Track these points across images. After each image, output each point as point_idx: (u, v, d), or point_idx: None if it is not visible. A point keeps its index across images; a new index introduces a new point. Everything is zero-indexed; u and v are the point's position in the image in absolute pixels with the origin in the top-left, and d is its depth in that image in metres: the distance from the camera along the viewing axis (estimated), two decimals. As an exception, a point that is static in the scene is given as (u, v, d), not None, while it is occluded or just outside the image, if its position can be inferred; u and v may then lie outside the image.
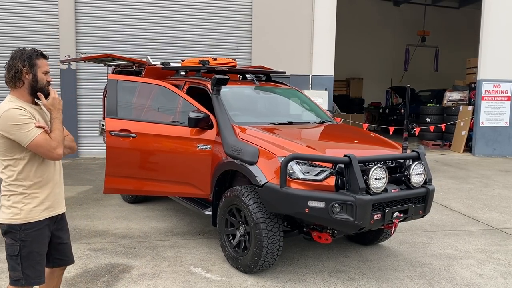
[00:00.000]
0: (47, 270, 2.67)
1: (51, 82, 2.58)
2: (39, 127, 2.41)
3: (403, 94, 17.64)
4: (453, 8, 19.99)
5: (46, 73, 2.55)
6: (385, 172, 3.60)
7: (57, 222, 2.65)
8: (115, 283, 3.78)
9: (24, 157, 2.44)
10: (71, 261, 2.79)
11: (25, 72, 2.47)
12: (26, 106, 2.47)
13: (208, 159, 4.43)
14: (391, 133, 10.78)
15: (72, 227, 5.14)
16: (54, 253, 2.67)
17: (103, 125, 6.76)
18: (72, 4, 9.74)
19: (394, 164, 3.92)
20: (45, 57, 2.56)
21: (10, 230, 2.46)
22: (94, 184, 7.37)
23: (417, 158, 3.98)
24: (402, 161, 3.98)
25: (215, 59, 5.54)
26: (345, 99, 17.93)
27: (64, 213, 2.71)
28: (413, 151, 4.07)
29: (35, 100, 2.54)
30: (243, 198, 3.87)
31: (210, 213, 4.46)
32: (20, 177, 2.45)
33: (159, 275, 3.95)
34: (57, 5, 9.70)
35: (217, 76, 4.56)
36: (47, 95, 2.52)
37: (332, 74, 11.00)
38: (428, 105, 14.30)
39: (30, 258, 2.47)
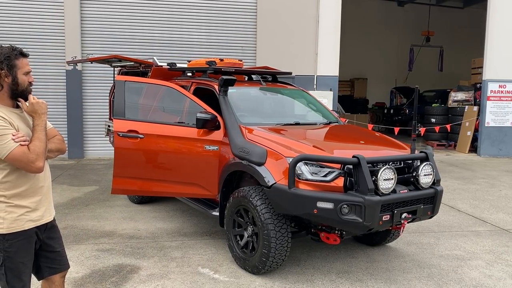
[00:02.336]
0: (44, 281, 2.58)
1: (33, 83, 2.39)
2: (17, 138, 2.23)
3: (407, 94, 17.60)
4: (457, 8, 19.94)
5: (27, 73, 2.34)
6: (394, 173, 3.59)
7: (47, 230, 2.50)
8: (124, 284, 3.79)
9: (5, 167, 2.27)
10: (64, 268, 2.62)
11: (3, 75, 2.27)
12: (6, 112, 2.29)
13: (215, 160, 4.44)
14: (396, 133, 10.76)
15: (79, 227, 5.19)
16: (45, 261, 2.52)
17: (109, 126, 6.79)
18: (78, 5, 9.77)
19: (402, 165, 3.91)
20: (25, 55, 2.34)
21: None
22: (100, 185, 7.39)
23: (425, 159, 3.96)
24: (410, 161, 3.97)
25: (221, 60, 5.54)
26: (349, 100, 17.90)
27: (54, 220, 2.56)
28: (421, 152, 4.06)
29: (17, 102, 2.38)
30: (251, 199, 3.87)
31: (217, 214, 4.47)
32: (1, 187, 2.28)
33: (167, 276, 3.95)
34: (63, 6, 9.74)
35: (225, 77, 4.56)
36: (27, 99, 2.35)
37: (337, 74, 10.99)
38: (433, 105, 14.26)
39: (14, 269, 2.33)
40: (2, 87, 2.29)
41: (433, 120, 13.60)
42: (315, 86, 10.76)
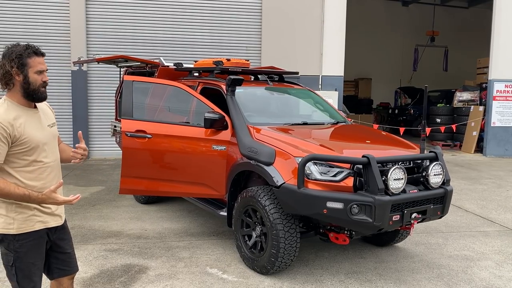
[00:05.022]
0: (53, 281, 2.57)
1: (47, 82, 2.33)
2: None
3: (412, 94, 17.54)
4: (462, 7, 19.86)
5: (41, 72, 2.29)
6: (404, 173, 3.57)
7: (58, 231, 2.49)
8: (133, 284, 3.78)
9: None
10: (73, 271, 2.60)
11: (14, 73, 2.23)
12: (19, 112, 2.26)
13: (223, 159, 4.43)
14: (401, 133, 10.72)
15: (86, 227, 5.19)
16: (55, 262, 2.51)
17: (115, 126, 6.79)
18: (83, 6, 9.79)
19: (412, 165, 3.89)
20: (38, 54, 2.29)
21: (3, 239, 2.30)
22: (106, 185, 7.39)
23: (435, 158, 3.94)
24: (420, 161, 3.95)
25: (228, 60, 5.54)
26: (354, 100, 17.85)
27: (65, 221, 2.56)
28: (430, 152, 4.03)
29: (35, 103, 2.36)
30: (259, 199, 3.86)
31: (225, 214, 4.46)
32: None
33: (175, 276, 3.95)
34: (68, 7, 9.76)
35: (232, 77, 4.55)
36: (42, 98, 2.33)
37: (342, 74, 10.96)
38: (438, 105, 14.20)
39: (24, 269, 2.32)
40: (13, 85, 2.26)
41: (438, 120, 13.55)
42: (320, 86, 10.74)
